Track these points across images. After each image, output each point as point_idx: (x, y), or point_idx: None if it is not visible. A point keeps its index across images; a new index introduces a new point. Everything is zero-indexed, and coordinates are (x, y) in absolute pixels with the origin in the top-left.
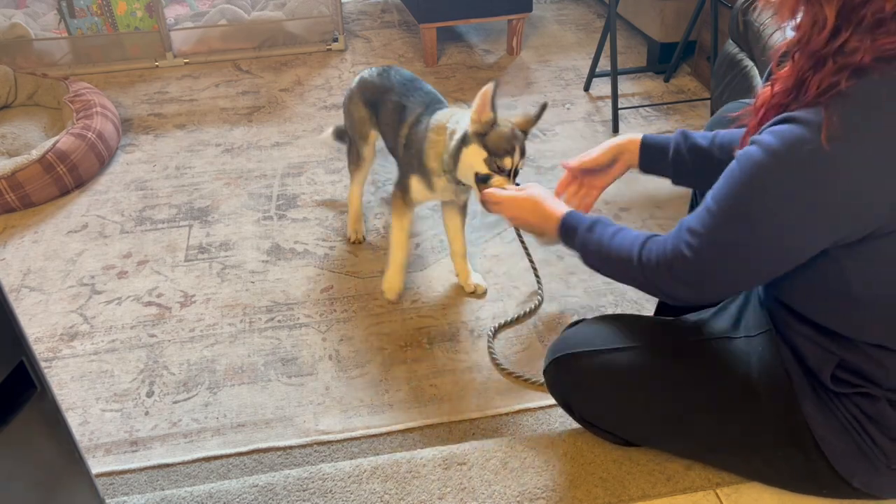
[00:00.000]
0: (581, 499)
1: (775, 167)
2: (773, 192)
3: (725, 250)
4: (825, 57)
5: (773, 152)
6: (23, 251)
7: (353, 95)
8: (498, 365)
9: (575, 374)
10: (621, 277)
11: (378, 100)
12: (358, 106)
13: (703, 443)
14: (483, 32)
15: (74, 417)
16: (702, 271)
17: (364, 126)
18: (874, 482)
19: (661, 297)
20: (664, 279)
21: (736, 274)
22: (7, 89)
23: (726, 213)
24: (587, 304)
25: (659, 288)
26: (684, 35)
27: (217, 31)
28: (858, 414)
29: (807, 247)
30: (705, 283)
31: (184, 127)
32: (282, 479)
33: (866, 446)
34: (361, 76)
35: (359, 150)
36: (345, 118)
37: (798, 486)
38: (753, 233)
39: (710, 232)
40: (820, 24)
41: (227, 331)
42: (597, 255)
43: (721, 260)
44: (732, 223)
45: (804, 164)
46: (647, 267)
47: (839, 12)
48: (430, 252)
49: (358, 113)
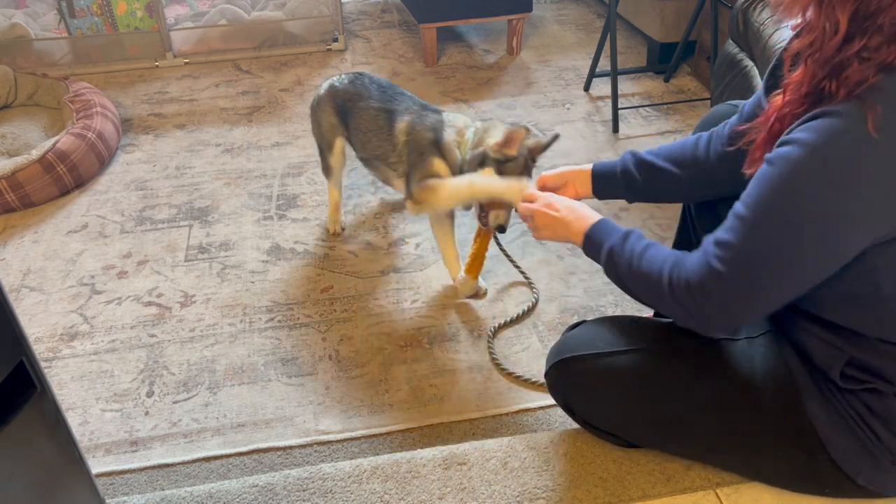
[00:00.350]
0: (581, 499)
1: (818, 163)
2: (818, 189)
3: (765, 260)
4: (841, 63)
5: (814, 148)
6: (23, 251)
7: (321, 103)
8: (498, 365)
9: (576, 377)
10: (651, 301)
11: (350, 107)
12: (326, 113)
13: (705, 444)
14: (483, 32)
15: (74, 417)
16: (738, 287)
17: (332, 133)
18: (878, 479)
19: (693, 325)
20: (696, 302)
21: (777, 287)
22: (7, 89)
23: (765, 219)
24: (587, 304)
25: (690, 312)
26: (684, 35)
27: (217, 31)
28: (864, 411)
29: (854, 246)
30: (741, 302)
31: (184, 127)
32: (282, 479)
33: (871, 443)
34: (331, 83)
35: (327, 158)
36: (312, 126)
37: (801, 485)
38: (798, 236)
39: (745, 241)
40: (831, 30)
41: (227, 331)
42: (626, 272)
43: (760, 271)
44: (772, 229)
45: (849, 156)
46: (678, 289)
47: (852, 19)
48: (430, 252)
49: (327, 120)
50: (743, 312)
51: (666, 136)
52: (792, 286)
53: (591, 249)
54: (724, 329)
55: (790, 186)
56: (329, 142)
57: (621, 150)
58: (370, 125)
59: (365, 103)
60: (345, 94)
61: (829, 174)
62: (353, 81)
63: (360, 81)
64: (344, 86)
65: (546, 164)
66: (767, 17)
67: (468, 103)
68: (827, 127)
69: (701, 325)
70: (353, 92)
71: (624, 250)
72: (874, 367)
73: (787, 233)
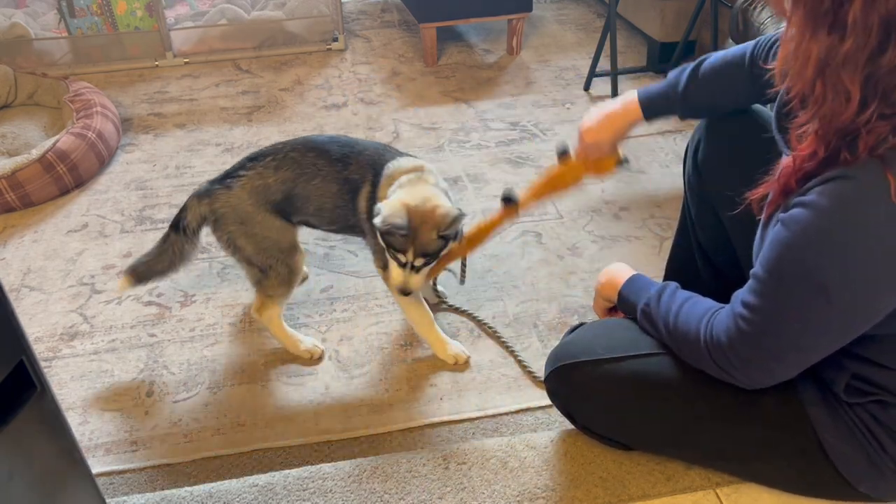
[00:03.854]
0: (581, 499)
1: (832, 227)
2: (827, 251)
3: (787, 323)
4: (857, 127)
5: (827, 213)
6: (23, 251)
7: (248, 214)
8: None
9: (576, 384)
10: (691, 359)
11: (291, 194)
12: (267, 219)
13: (707, 451)
14: (483, 32)
15: (74, 417)
16: (767, 347)
17: (287, 236)
18: (880, 486)
19: (735, 382)
20: (731, 362)
21: (807, 345)
22: (7, 89)
23: (780, 283)
24: (587, 303)
25: (729, 373)
26: (684, 35)
27: (217, 31)
28: (869, 420)
29: (880, 307)
30: (774, 360)
31: (184, 126)
32: (282, 479)
33: (875, 453)
34: (251, 186)
35: (290, 268)
36: (244, 248)
37: (801, 489)
38: (826, 300)
39: (766, 304)
40: (842, 99)
41: (227, 330)
42: (664, 332)
43: (785, 333)
44: (795, 291)
45: (866, 221)
46: (714, 351)
47: (863, 84)
48: None
49: (271, 228)
50: (780, 369)
51: (666, 135)
52: (828, 346)
53: (626, 308)
54: (760, 384)
55: (800, 254)
56: (291, 246)
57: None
58: (329, 202)
59: (308, 180)
60: (277, 185)
61: (847, 238)
62: (276, 167)
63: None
64: (268, 177)
65: (546, 163)
66: (767, 16)
67: (468, 103)
68: (839, 193)
69: (743, 383)
70: (284, 178)
71: (660, 309)
72: (879, 381)
73: (806, 298)
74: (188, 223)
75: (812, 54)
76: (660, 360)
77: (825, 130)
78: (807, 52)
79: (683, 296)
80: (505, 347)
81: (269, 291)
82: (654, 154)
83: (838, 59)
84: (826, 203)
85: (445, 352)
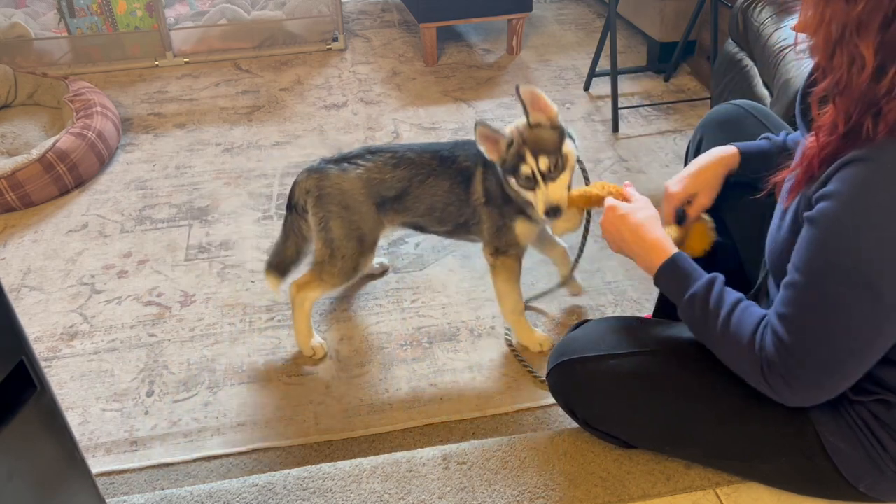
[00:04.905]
0: (581, 498)
1: (860, 215)
2: (862, 241)
3: (826, 322)
4: (878, 97)
5: (851, 203)
6: (23, 251)
7: (355, 201)
8: (520, 362)
9: (578, 380)
10: (731, 365)
11: (405, 193)
12: (370, 212)
13: (708, 449)
14: (483, 32)
15: (74, 417)
16: (810, 357)
17: (376, 234)
18: (880, 485)
19: (781, 401)
20: (777, 379)
21: (845, 350)
22: (7, 89)
23: (821, 283)
24: (587, 303)
25: (775, 389)
26: (684, 35)
27: (217, 31)
28: (871, 420)
29: None
30: (819, 372)
31: (184, 126)
32: (282, 479)
33: (876, 453)
34: (368, 177)
35: (357, 264)
36: (333, 229)
37: (800, 488)
38: (852, 292)
39: (803, 310)
40: (859, 65)
41: (227, 330)
42: (712, 329)
43: (831, 339)
44: (833, 290)
45: (890, 205)
46: (767, 364)
47: (878, 49)
48: (430, 252)
49: (368, 222)
50: (825, 384)
51: (666, 135)
52: (875, 348)
53: (665, 287)
54: (811, 402)
55: (835, 250)
56: (373, 241)
57: (621, 150)
58: (441, 201)
59: (419, 182)
60: (391, 180)
61: (876, 230)
62: (395, 164)
63: (396, 159)
64: (384, 169)
65: None
66: (767, 16)
67: (468, 103)
68: (860, 178)
69: (785, 400)
70: (398, 175)
71: (709, 303)
72: (885, 381)
73: (847, 295)
74: (297, 199)
75: (827, 19)
76: (662, 358)
77: (844, 100)
78: (822, 18)
79: (735, 297)
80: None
81: (324, 275)
82: (654, 154)
83: (852, 24)
84: (848, 190)
85: (532, 338)
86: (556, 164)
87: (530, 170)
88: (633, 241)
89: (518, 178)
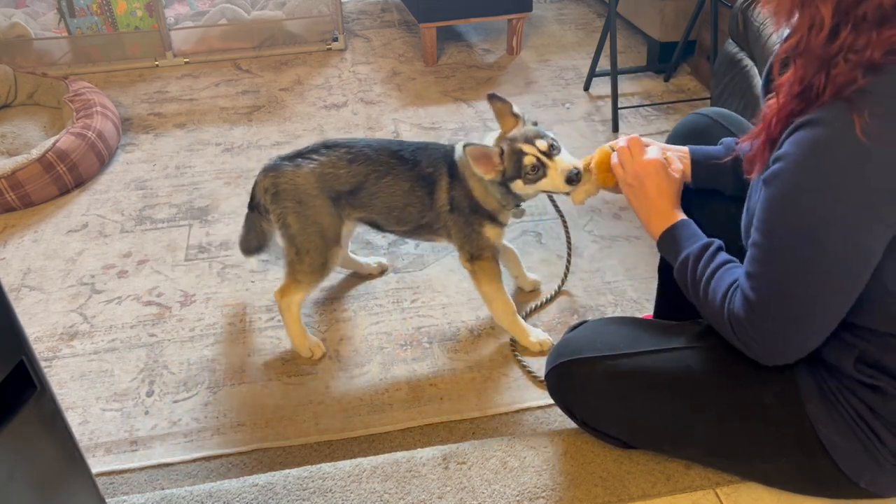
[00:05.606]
0: (581, 498)
1: (807, 172)
2: (812, 202)
3: (790, 280)
4: (830, 58)
5: (801, 161)
6: (23, 250)
7: (308, 196)
8: (520, 362)
9: (577, 380)
10: (714, 325)
11: (360, 188)
12: (324, 206)
13: (707, 448)
14: (483, 32)
15: (74, 417)
16: (776, 313)
17: (335, 228)
18: (880, 480)
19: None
20: (747, 335)
21: (813, 304)
22: (7, 88)
23: (775, 241)
24: (587, 303)
25: (746, 345)
26: (684, 34)
27: (217, 31)
28: (867, 413)
29: (872, 247)
30: (785, 327)
31: (184, 126)
32: (282, 479)
33: (873, 446)
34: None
35: (325, 259)
36: (291, 225)
37: (801, 486)
38: (814, 247)
39: (766, 267)
40: (818, 25)
41: (227, 330)
42: (696, 290)
43: (790, 293)
44: (787, 244)
45: (836, 161)
46: (734, 323)
47: (836, 10)
48: (430, 252)
49: (324, 215)
50: (792, 338)
51: (665, 135)
52: (836, 301)
53: (665, 250)
54: (778, 357)
55: (785, 206)
56: (335, 237)
57: None
58: (399, 200)
59: (377, 179)
60: (343, 175)
61: (824, 187)
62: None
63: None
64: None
65: None
66: (767, 16)
67: (468, 103)
68: (809, 139)
69: (759, 357)
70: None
71: (699, 265)
72: (885, 364)
73: (799, 249)
74: (258, 199)
75: None
76: (660, 358)
77: (802, 60)
78: None
79: (722, 259)
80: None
81: (298, 276)
82: None
83: None
84: (798, 151)
85: (528, 340)
86: (553, 143)
87: (534, 157)
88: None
89: (525, 176)
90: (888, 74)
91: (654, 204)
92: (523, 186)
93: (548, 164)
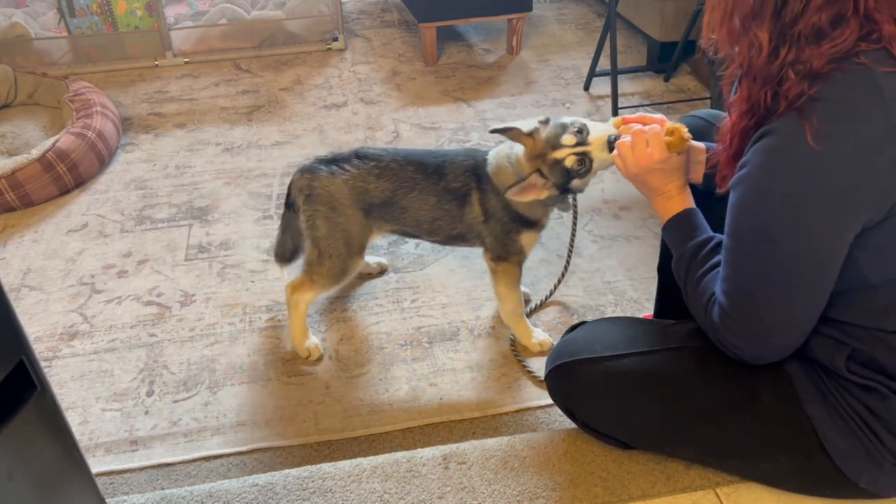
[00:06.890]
0: (581, 498)
1: (764, 176)
2: (766, 199)
3: (756, 282)
4: (773, 76)
5: (761, 167)
6: (23, 250)
7: (341, 205)
8: (520, 362)
9: (576, 381)
10: (698, 321)
11: (390, 203)
12: (356, 215)
13: (707, 448)
14: (483, 32)
15: (74, 417)
16: (745, 315)
17: (362, 238)
18: (880, 481)
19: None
20: (723, 337)
21: (782, 305)
22: (7, 88)
23: (741, 244)
24: (587, 303)
25: (724, 345)
26: (684, 34)
27: (217, 31)
28: (865, 413)
29: (833, 248)
30: (756, 327)
31: (184, 126)
32: (282, 479)
33: (872, 446)
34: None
35: (346, 266)
36: (319, 228)
37: (801, 487)
38: (778, 248)
39: (734, 270)
40: (757, 48)
41: (227, 330)
42: (687, 284)
43: (757, 294)
44: (750, 247)
45: (793, 171)
46: (713, 329)
47: (772, 34)
48: (430, 252)
49: (354, 225)
50: (765, 338)
51: None
52: (801, 300)
53: (669, 240)
54: (759, 358)
55: (746, 210)
56: (361, 246)
57: None
58: (429, 213)
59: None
60: (377, 188)
61: (780, 191)
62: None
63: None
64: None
65: None
66: None
67: (468, 103)
68: (768, 147)
69: (739, 358)
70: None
71: (695, 260)
72: (879, 361)
73: (760, 251)
74: (294, 198)
75: (729, 13)
76: (659, 358)
77: (748, 80)
78: (725, 12)
79: (713, 262)
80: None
81: (314, 276)
82: None
83: (750, 14)
84: (757, 158)
85: (530, 340)
86: (577, 130)
87: (572, 156)
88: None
89: (577, 174)
90: (832, 82)
91: (655, 196)
92: (581, 182)
93: (587, 150)
